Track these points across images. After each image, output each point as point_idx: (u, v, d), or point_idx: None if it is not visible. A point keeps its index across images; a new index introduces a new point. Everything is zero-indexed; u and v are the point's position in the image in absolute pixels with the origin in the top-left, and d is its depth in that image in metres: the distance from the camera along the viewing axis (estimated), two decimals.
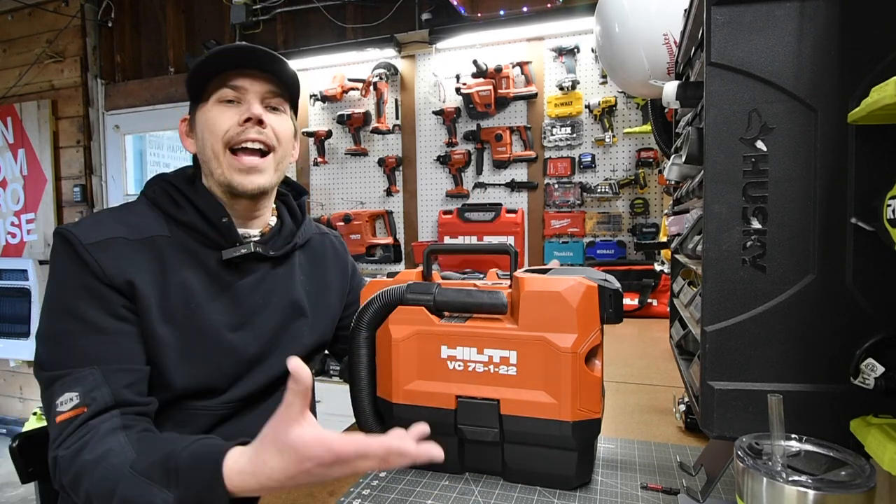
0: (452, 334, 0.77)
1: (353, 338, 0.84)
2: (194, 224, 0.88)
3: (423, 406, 0.78)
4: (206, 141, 0.89)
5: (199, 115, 0.90)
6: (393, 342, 0.79)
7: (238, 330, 0.90)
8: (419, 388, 0.79)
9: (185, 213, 0.88)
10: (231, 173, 0.89)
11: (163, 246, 0.85)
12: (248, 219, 0.96)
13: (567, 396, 0.72)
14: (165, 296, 0.83)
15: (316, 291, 1.05)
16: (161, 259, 0.85)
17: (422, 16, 2.75)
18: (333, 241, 1.16)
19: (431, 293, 0.79)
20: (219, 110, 0.89)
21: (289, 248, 0.98)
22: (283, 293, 0.97)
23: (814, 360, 0.56)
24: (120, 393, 0.76)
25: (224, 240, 0.89)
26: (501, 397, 0.75)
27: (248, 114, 0.88)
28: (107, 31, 3.51)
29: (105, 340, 0.78)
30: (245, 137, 0.88)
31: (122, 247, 0.82)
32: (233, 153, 0.89)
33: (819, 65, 0.54)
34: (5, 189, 3.67)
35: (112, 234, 0.83)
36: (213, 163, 0.89)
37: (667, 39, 1.50)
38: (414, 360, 0.79)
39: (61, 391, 0.74)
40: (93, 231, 0.82)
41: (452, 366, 0.77)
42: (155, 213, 0.89)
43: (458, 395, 0.77)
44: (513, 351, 0.74)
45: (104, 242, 0.81)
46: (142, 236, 0.85)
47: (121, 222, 0.85)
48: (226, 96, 0.89)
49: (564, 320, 0.72)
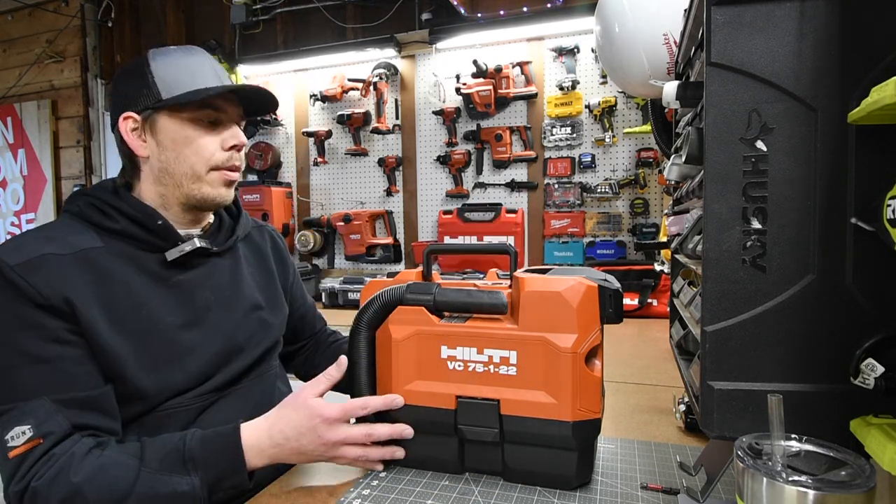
0: (452, 334, 0.77)
1: (353, 337, 0.83)
2: (128, 231, 0.85)
3: (423, 406, 0.78)
4: (184, 157, 0.88)
5: (169, 125, 0.88)
6: (393, 342, 0.79)
7: (193, 328, 0.88)
8: (419, 388, 0.79)
9: (116, 223, 0.85)
10: (216, 188, 0.91)
11: (97, 257, 0.82)
12: (194, 224, 0.97)
13: (567, 396, 0.72)
14: (111, 307, 0.80)
15: (265, 282, 1.05)
16: (98, 271, 0.81)
17: (422, 16, 2.74)
18: (272, 234, 1.16)
19: (431, 293, 0.79)
20: (204, 132, 0.89)
21: (232, 242, 0.98)
22: (234, 287, 0.97)
23: (814, 360, 0.56)
24: (76, 419, 0.74)
25: (164, 241, 0.88)
26: (501, 397, 0.75)
27: (235, 141, 0.91)
28: (107, 31, 3.50)
29: (50, 370, 0.74)
30: (232, 165, 0.93)
31: (53, 264, 0.77)
32: (216, 170, 0.91)
33: (819, 65, 0.54)
34: (5, 189, 3.67)
35: (40, 251, 0.78)
36: (188, 179, 0.89)
37: (667, 39, 1.50)
38: (414, 360, 0.79)
39: (10, 425, 0.71)
40: (17, 252, 0.77)
41: (452, 366, 0.77)
42: (82, 227, 0.85)
43: (458, 396, 0.77)
44: (513, 351, 0.74)
45: (33, 262, 0.76)
46: (73, 250, 0.80)
47: (47, 239, 0.80)
48: (209, 117, 0.89)
49: (565, 320, 0.72)
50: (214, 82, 0.90)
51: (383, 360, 0.82)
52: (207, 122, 0.90)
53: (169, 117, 0.88)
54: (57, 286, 0.76)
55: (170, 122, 0.88)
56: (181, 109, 0.88)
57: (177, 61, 0.89)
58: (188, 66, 0.89)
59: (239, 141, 0.92)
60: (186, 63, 0.89)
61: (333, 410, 0.78)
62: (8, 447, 0.70)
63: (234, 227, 1.02)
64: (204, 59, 0.92)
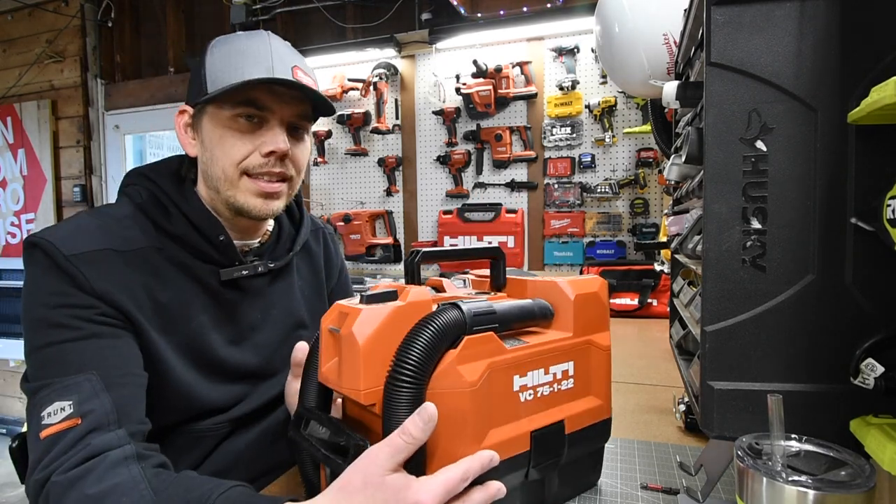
0: (525, 360, 0.62)
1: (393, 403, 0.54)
2: (188, 238, 0.79)
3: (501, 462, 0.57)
4: (216, 159, 0.79)
5: (210, 123, 0.79)
6: (469, 388, 0.56)
7: (236, 345, 0.85)
8: (495, 439, 0.59)
9: (177, 227, 0.79)
10: (247, 197, 0.80)
11: (155, 259, 0.77)
12: (250, 233, 0.90)
13: (607, 395, 0.72)
14: (161, 312, 0.76)
15: (315, 297, 1.01)
16: (153, 273, 0.76)
17: (422, 16, 2.75)
18: (327, 236, 1.09)
19: (494, 311, 0.61)
20: (238, 131, 0.78)
21: (289, 258, 0.92)
22: (283, 306, 0.92)
23: (814, 360, 0.56)
24: (124, 403, 0.66)
25: (222, 257, 0.82)
26: (566, 416, 0.66)
27: (272, 147, 0.78)
28: (107, 31, 3.51)
29: (102, 345, 0.68)
30: (266, 171, 0.80)
31: (111, 261, 0.72)
32: (249, 176, 0.80)
33: (819, 65, 0.54)
34: (5, 189, 3.67)
35: (99, 244, 0.73)
36: (223, 184, 0.80)
37: (667, 39, 1.50)
38: (486, 404, 0.58)
39: (49, 400, 0.63)
40: (76, 241, 0.72)
41: (524, 397, 0.62)
42: (142, 220, 0.79)
43: (532, 432, 0.62)
44: (570, 361, 0.67)
45: (91, 255, 0.71)
46: (132, 248, 0.75)
47: (106, 231, 0.75)
48: (248, 113, 0.78)
49: (601, 318, 0.72)
50: (265, 74, 0.76)
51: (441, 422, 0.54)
52: (247, 122, 0.78)
53: (212, 114, 0.79)
54: (111, 284, 0.71)
55: (211, 120, 0.79)
56: (223, 106, 0.78)
57: (230, 49, 0.78)
58: (241, 53, 0.77)
59: (277, 146, 0.78)
60: (240, 50, 0.77)
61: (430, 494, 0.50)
62: (42, 425, 0.62)
63: (294, 237, 0.95)
64: (262, 47, 0.78)
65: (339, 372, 0.57)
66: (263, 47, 0.78)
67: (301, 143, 0.85)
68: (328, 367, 0.60)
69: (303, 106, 0.82)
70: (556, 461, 0.65)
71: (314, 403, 0.63)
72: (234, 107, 0.77)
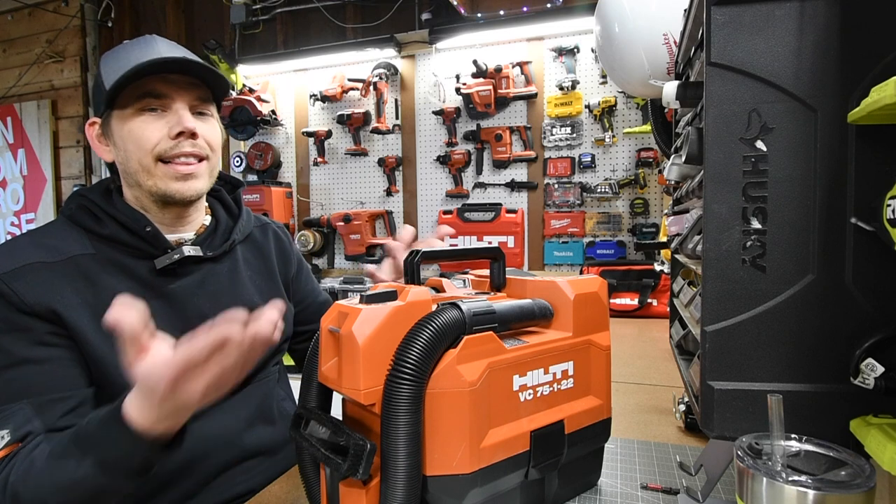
0: (525, 359, 0.63)
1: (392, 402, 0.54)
2: (118, 237, 0.83)
3: (500, 461, 0.60)
4: (130, 154, 0.84)
5: (117, 124, 0.84)
6: (469, 388, 0.57)
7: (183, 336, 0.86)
8: (495, 439, 0.60)
9: (106, 227, 0.83)
10: (167, 183, 0.85)
11: (87, 264, 0.81)
12: (181, 224, 0.92)
13: (607, 394, 0.72)
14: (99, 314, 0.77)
15: (267, 286, 1.01)
16: (88, 278, 0.80)
17: (422, 16, 2.75)
18: (276, 230, 1.11)
19: (494, 310, 0.62)
20: (143, 122, 0.83)
21: (227, 247, 0.94)
22: (233, 293, 0.93)
23: (814, 360, 0.56)
24: (55, 424, 0.72)
25: (153, 248, 0.85)
26: (565, 416, 0.67)
27: (180, 127, 0.83)
28: (107, 31, 3.51)
29: (33, 371, 0.73)
30: (179, 152, 0.84)
31: (40, 272, 0.77)
32: (164, 163, 0.85)
33: (819, 65, 0.54)
34: (5, 189, 3.67)
35: (28, 259, 0.77)
36: (142, 175, 0.84)
37: (667, 39, 1.50)
38: (485, 404, 0.59)
39: None
40: (8, 258, 0.77)
41: (524, 397, 0.63)
42: (75, 232, 0.83)
43: (532, 431, 0.63)
44: (570, 361, 0.68)
45: (20, 270, 0.76)
46: (62, 257, 0.80)
47: (37, 246, 0.80)
48: (149, 105, 0.83)
49: (600, 318, 0.72)
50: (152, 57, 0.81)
51: (441, 421, 0.57)
52: (151, 113, 0.83)
53: (117, 116, 0.84)
54: (42, 295, 0.75)
55: (118, 121, 0.84)
56: (125, 106, 0.83)
57: (118, 55, 0.84)
58: (128, 53, 0.83)
59: (184, 126, 0.83)
60: (127, 53, 0.83)
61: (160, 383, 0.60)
62: None
63: (232, 228, 0.97)
64: (147, 45, 0.84)
65: (339, 372, 0.57)
66: (149, 46, 0.85)
67: (208, 123, 0.89)
68: (328, 367, 0.60)
69: (200, 90, 0.87)
70: (555, 461, 0.66)
71: (314, 403, 0.64)
72: (135, 102, 0.83)
